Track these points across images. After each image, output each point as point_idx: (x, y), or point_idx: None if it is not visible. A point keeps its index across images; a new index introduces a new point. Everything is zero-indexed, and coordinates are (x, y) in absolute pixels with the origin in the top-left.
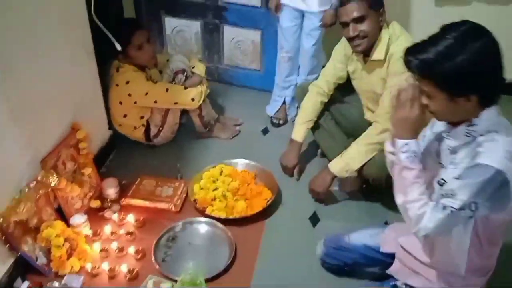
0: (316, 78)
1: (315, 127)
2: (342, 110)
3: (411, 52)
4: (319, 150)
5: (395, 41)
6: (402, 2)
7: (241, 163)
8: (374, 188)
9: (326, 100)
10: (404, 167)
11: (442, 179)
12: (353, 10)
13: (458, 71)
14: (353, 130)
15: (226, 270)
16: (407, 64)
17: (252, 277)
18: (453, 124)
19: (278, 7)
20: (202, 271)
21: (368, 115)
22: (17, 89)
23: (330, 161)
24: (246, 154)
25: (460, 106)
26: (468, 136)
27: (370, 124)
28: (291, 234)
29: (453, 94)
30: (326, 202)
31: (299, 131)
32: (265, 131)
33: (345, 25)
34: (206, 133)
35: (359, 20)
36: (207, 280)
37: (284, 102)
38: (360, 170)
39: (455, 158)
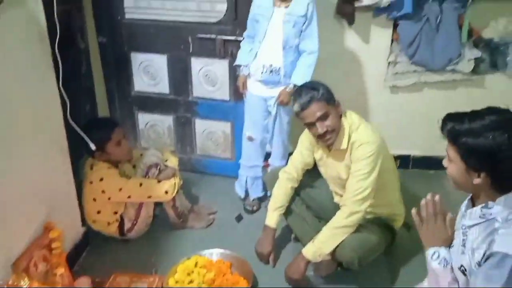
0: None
1: (288, 212)
2: (312, 195)
3: (451, 117)
4: (293, 235)
5: (355, 130)
6: (359, 90)
7: (216, 253)
8: (348, 270)
9: (296, 186)
10: (437, 275)
11: (462, 266)
12: (316, 111)
13: (477, 149)
14: (324, 214)
15: None
16: (443, 125)
17: None
18: (472, 204)
19: (245, 84)
20: None
21: (336, 199)
22: None
23: (304, 245)
24: (221, 243)
25: (472, 179)
26: (482, 218)
27: (339, 207)
28: None
29: (467, 165)
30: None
31: (272, 218)
32: (239, 218)
33: (311, 125)
34: (180, 224)
35: (323, 117)
36: None
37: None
38: (333, 253)
39: (467, 238)
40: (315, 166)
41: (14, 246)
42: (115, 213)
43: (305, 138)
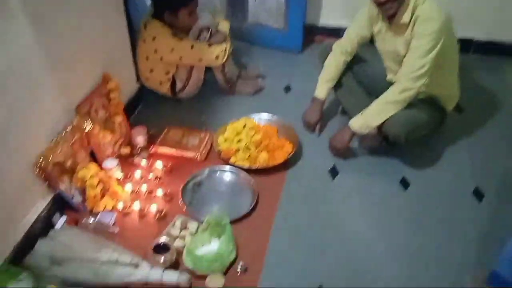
0: None
1: (338, 85)
2: (364, 70)
3: None
4: (340, 108)
5: (420, 4)
6: None
7: (264, 117)
8: (393, 144)
9: (349, 60)
10: None
11: None
12: None
13: None
14: (374, 90)
15: (248, 215)
16: None
17: (272, 222)
18: None
19: None
20: (226, 213)
21: (390, 76)
22: (50, 39)
23: (350, 118)
24: (269, 110)
25: None
26: None
27: (391, 84)
28: (310, 185)
29: None
30: (346, 157)
31: (322, 89)
32: (287, 89)
33: None
34: (228, 89)
35: None
36: (231, 222)
37: None
38: (379, 127)
39: None
40: (370, 41)
41: (77, 91)
42: (167, 73)
43: (365, 10)
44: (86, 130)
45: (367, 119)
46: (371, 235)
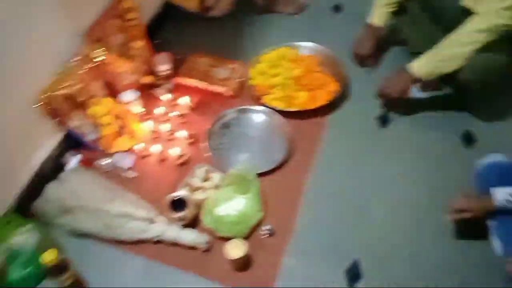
0: None
1: (399, 10)
2: None
3: None
4: (398, 38)
5: None
6: None
7: (306, 46)
8: (461, 92)
9: None
10: None
11: None
12: None
13: None
14: (444, 19)
15: (279, 167)
16: None
17: (307, 178)
18: None
19: None
20: (254, 165)
21: (465, 1)
22: None
23: (412, 52)
24: (313, 35)
25: None
26: None
27: (464, 13)
28: (355, 134)
29: None
30: (397, 109)
31: (380, 14)
32: (336, 9)
33: None
34: (267, 6)
35: None
36: (260, 174)
37: None
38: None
39: None
40: None
41: (85, 14)
42: None
43: None
44: (99, 59)
45: (436, 65)
46: (423, 202)
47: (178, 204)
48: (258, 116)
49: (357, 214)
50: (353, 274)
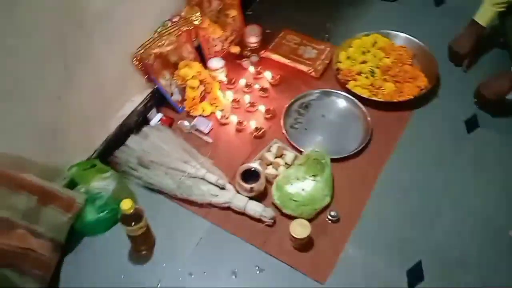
0: None
1: (508, 11)
2: None
3: None
4: (502, 39)
5: None
6: None
7: (400, 36)
8: None
9: None
10: None
11: None
12: None
13: None
14: None
15: (355, 155)
16: None
17: (381, 171)
18: None
19: None
20: (329, 149)
21: None
22: None
23: None
24: (409, 26)
25: None
26: None
27: None
28: (438, 134)
29: None
30: (495, 112)
31: (486, 13)
32: (438, 1)
33: None
34: None
35: None
36: (333, 160)
37: None
38: None
39: None
40: None
41: None
42: None
43: None
44: (195, 23)
45: None
46: (498, 217)
47: (250, 176)
48: (340, 101)
49: (427, 215)
50: (415, 275)
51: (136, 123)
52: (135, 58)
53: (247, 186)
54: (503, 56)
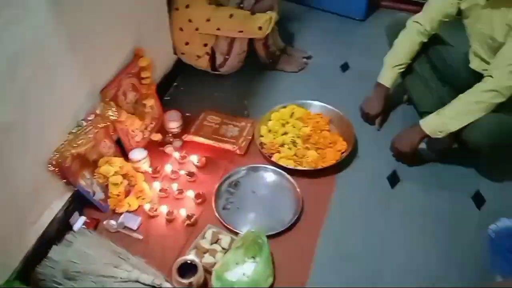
0: None
1: (407, 70)
2: (442, 53)
3: None
4: (406, 96)
5: None
6: None
7: (315, 105)
8: (471, 151)
9: (426, 41)
10: None
11: None
12: None
13: None
14: (452, 78)
15: (290, 227)
16: None
17: (318, 239)
18: None
19: None
20: (264, 226)
21: (475, 64)
22: (72, 12)
23: (420, 111)
24: (321, 93)
25: None
26: None
27: (474, 74)
28: (365, 194)
29: None
30: (411, 163)
31: (389, 75)
32: (344, 67)
33: None
34: (270, 64)
35: None
36: (269, 237)
37: None
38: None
39: None
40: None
41: (102, 72)
42: (205, 45)
43: None
44: (112, 118)
45: (444, 121)
46: (434, 268)
47: (187, 269)
48: (268, 175)
49: (369, 280)
50: None
51: (57, 231)
52: (50, 164)
53: (185, 281)
54: (411, 110)
